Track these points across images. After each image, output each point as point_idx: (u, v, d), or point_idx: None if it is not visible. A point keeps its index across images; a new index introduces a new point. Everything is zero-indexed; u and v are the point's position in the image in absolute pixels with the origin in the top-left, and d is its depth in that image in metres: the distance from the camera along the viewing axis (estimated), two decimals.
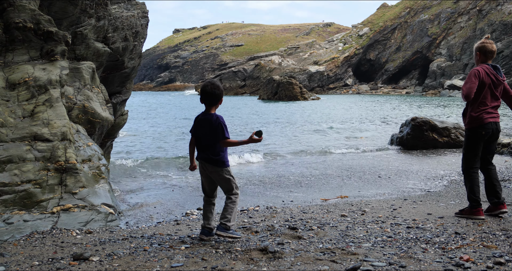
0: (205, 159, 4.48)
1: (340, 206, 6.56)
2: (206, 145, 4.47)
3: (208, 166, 4.48)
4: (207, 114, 4.50)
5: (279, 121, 25.80)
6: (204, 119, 4.49)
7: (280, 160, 12.47)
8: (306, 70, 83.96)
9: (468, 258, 3.65)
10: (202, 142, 4.50)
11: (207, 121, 4.46)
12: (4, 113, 5.35)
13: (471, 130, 5.35)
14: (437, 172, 9.84)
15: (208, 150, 4.46)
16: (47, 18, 6.17)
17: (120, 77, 9.00)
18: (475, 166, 5.39)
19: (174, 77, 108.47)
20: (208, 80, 4.64)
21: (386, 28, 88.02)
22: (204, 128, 4.47)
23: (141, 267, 3.63)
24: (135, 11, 9.00)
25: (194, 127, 4.57)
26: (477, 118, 5.28)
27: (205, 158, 4.48)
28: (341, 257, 3.80)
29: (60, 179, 5.37)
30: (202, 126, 4.49)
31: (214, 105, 4.52)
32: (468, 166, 5.42)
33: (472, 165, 5.39)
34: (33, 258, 3.95)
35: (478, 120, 5.28)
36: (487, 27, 68.51)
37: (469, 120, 5.35)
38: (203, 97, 4.49)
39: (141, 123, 25.67)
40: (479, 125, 5.28)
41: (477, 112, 5.28)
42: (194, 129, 4.57)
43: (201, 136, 4.49)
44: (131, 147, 15.25)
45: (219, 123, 4.41)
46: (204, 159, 4.49)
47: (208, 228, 4.50)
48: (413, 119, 14.49)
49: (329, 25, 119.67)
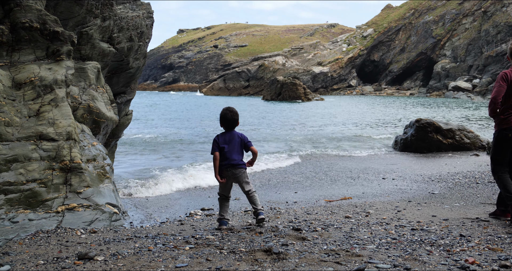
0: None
1: (344, 207, 6.55)
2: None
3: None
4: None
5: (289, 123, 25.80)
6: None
7: (284, 162, 12.47)
8: (310, 71, 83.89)
9: (473, 260, 3.64)
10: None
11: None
12: (10, 113, 5.37)
13: (498, 132, 5.40)
14: (442, 174, 9.82)
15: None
16: (53, 18, 6.19)
17: (125, 77, 9.02)
18: (503, 168, 5.38)
19: (178, 77, 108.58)
20: (225, 108, 5.33)
21: (391, 29, 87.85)
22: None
23: (146, 267, 3.63)
24: (140, 12, 9.02)
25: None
26: (504, 120, 5.31)
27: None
28: (345, 259, 3.80)
29: (65, 179, 5.39)
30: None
31: (234, 127, 5.31)
32: (496, 169, 5.43)
33: (500, 167, 5.39)
34: (38, 257, 3.97)
35: (505, 123, 5.31)
36: (492, 28, 68.26)
37: (497, 122, 5.39)
38: (225, 123, 5.25)
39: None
40: (506, 127, 5.30)
41: (506, 114, 5.31)
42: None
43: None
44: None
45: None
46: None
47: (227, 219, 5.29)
48: (417, 121, 14.46)
49: (333, 26, 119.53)
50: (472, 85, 64.47)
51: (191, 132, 21.13)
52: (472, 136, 14.17)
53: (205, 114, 34.42)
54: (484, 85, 62.07)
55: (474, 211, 6.15)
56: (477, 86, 63.23)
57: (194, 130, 21.90)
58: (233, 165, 5.15)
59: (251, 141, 5.30)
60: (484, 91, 61.04)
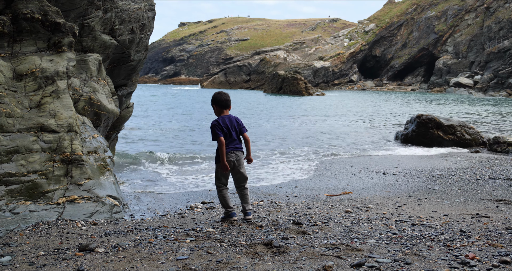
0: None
1: (345, 202, 6.56)
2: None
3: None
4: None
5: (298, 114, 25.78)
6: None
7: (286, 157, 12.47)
8: (311, 66, 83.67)
9: (473, 256, 3.64)
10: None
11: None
12: (11, 104, 5.36)
13: None
14: (442, 170, 9.82)
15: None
16: (54, 9, 6.16)
17: (126, 69, 8.99)
18: None
19: (179, 70, 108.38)
20: (215, 92, 5.39)
21: (393, 24, 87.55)
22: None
23: (147, 259, 3.64)
24: (142, 4, 8.97)
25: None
26: None
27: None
28: (346, 253, 3.80)
29: (66, 170, 5.39)
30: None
31: (228, 108, 5.33)
32: None
33: None
34: (39, 248, 3.97)
35: None
36: (495, 25, 68.02)
37: None
38: (218, 103, 5.26)
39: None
40: None
41: None
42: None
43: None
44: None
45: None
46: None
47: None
48: (418, 116, 14.45)
49: (335, 20, 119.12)
50: (474, 82, 64.36)
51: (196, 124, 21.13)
52: (473, 132, 14.16)
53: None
54: (485, 82, 61.96)
55: (474, 207, 6.15)
56: (478, 83, 63.13)
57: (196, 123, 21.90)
58: (237, 148, 5.19)
59: (245, 127, 5.33)
60: (485, 87, 60.94)
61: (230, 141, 5.16)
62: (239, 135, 5.27)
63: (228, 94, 5.39)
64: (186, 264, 3.53)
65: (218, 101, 5.28)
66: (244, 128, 5.29)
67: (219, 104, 5.27)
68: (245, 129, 5.31)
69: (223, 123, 5.18)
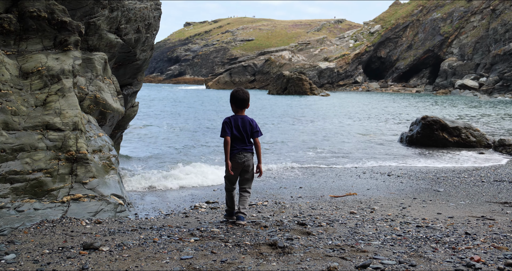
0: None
1: (349, 203, 6.54)
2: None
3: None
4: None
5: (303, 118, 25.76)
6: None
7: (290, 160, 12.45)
8: (316, 66, 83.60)
9: (478, 258, 3.62)
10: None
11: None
12: (17, 102, 5.38)
13: None
14: (447, 171, 9.78)
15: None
16: (61, 7, 6.18)
17: (132, 68, 9.01)
18: None
19: (184, 70, 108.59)
20: (236, 88, 5.26)
21: (398, 25, 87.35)
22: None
23: (151, 258, 3.64)
24: (148, 3, 8.98)
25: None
26: None
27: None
28: (350, 254, 3.79)
29: (70, 169, 5.39)
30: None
31: (245, 108, 5.17)
32: None
33: None
34: (43, 247, 3.98)
35: None
36: (500, 27, 67.74)
37: None
38: (236, 102, 5.10)
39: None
40: None
41: None
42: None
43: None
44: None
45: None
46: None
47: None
48: (423, 118, 14.39)
49: (341, 21, 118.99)
50: (479, 84, 64.11)
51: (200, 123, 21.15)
52: (478, 134, 14.10)
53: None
54: (491, 84, 61.71)
55: (479, 209, 6.12)
56: (483, 85, 62.88)
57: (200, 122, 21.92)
58: (245, 150, 5.03)
59: (259, 131, 5.11)
60: (491, 89, 60.69)
61: (239, 142, 5.02)
62: (249, 138, 5.08)
63: (248, 92, 5.21)
64: (190, 263, 3.53)
65: (235, 100, 5.11)
66: (257, 133, 5.08)
67: (236, 104, 5.12)
68: (260, 133, 5.10)
69: (234, 122, 5.04)
